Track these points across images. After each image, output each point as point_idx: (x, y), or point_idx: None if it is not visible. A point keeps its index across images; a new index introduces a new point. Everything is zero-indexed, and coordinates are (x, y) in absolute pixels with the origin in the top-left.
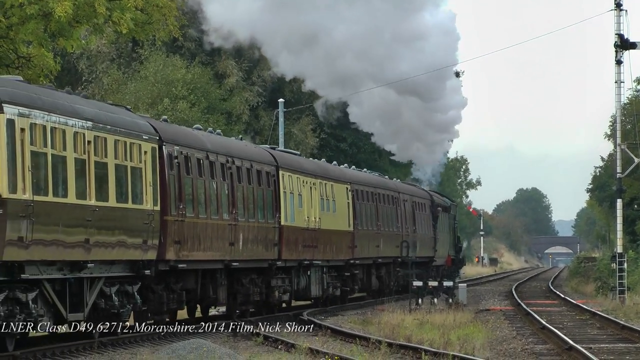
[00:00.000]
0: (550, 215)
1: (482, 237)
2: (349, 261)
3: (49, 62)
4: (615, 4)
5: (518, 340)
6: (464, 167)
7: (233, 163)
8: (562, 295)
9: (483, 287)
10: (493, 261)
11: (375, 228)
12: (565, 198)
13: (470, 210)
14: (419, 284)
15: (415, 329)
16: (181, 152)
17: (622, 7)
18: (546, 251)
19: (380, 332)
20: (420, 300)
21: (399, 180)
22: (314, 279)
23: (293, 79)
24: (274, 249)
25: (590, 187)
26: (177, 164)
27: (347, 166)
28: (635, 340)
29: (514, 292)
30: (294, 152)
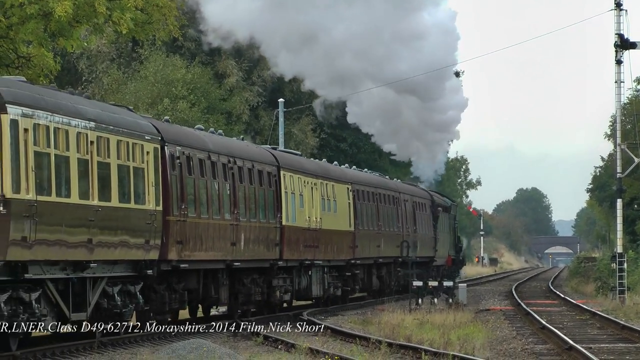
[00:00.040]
0: (550, 215)
1: (482, 237)
2: (350, 261)
3: (49, 62)
4: (615, 3)
5: (518, 340)
6: (464, 167)
7: (235, 163)
8: (562, 295)
9: (483, 287)
10: (493, 261)
11: (376, 228)
12: (565, 198)
13: (470, 210)
14: (419, 284)
15: (415, 329)
16: (183, 153)
17: (622, 7)
18: (546, 251)
19: (380, 332)
20: (420, 300)
21: (399, 181)
22: (315, 279)
23: (293, 79)
24: (275, 249)
25: (590, 187)
26: (179, 164)
27: (347, 166)
28: (635, 340)
29: (514, 292)
30: (295, 152)
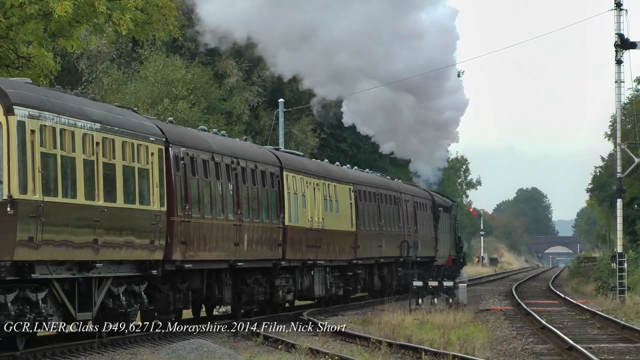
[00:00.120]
0: (550, 215)
1: (482, 237)
2: (352, 261)
3: (49, 62)
4: (615, 3)
5: (518, 340)
6: (464, 167)
7: (238, 164)
8: (562, 295)
9: (483, 287)
10: (493, 261)
11: (377, 228)
12: (565, 198)
13: (471, 210)
14: (419, 284)
15: (416, 329)
16: (187, 154)
17: (622, 7)
18: (546, 251)
19: (380, 332)
20: (420, 300)
21: (400, 181)
22: (318, 279)
23: (293, 79)
24: (278, 249)
25: (590, 187)
26: (184, 165)
27: (349, 167)
28: (635, 340)
29: (514, 292)
30: (298, 153)
